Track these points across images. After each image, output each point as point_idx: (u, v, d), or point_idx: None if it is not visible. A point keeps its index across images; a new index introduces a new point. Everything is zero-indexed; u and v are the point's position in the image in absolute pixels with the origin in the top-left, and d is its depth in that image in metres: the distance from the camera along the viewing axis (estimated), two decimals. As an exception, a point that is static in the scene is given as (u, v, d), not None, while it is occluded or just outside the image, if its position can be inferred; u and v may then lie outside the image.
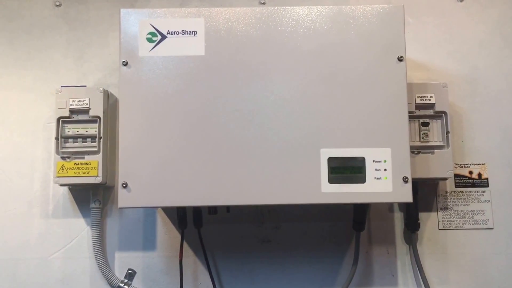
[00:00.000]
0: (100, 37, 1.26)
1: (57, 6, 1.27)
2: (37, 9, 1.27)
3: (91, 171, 1.11)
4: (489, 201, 1.21)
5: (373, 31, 0.98)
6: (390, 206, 1.21)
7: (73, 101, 1.12)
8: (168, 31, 0.98)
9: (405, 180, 0.95)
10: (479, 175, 1.21)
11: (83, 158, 1.12)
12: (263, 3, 1.27)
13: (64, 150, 1.12)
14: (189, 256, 1.19)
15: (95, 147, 1.12)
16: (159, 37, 0.98)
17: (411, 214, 1.17)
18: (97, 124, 1.13)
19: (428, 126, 1.13)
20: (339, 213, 1.20)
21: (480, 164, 1.22)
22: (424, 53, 1.26)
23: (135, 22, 0.98)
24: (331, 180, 0.95)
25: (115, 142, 1.18)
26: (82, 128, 1.13)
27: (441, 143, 1.12)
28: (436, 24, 1.27)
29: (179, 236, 1.17)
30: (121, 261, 1.19)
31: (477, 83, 1.24)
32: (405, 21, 0.98)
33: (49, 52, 1.26)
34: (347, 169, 0.96)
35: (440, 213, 1.20)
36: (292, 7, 0.99)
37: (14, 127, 1.23)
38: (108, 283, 1.17)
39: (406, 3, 1.01)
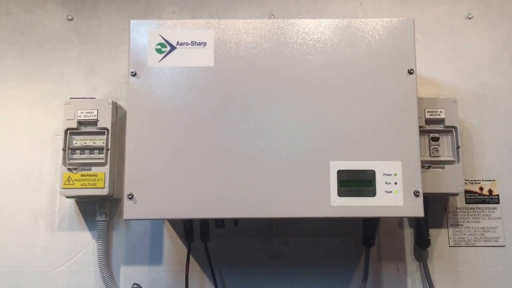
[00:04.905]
0: (111, 51, 1.27)
1: (70, 20, 1.28)
2: (50, 22, 1.28)
3: (98, 182, 1.10)
4: (500, 218, 1.19)
5: (384, 44, 0.98)
6: (399, 222, 1.19)
7: (81, 112, 1.12)
8: (178, 42, 0.98)
9: (416, 194, 0.93)
10: (490, 191, 1.20)
11: (90, 169, 1.11)
12: (273, 17, 1.27)
13: (71, 161, 1.11)
14: (196, 271, 1.17)
15: (102, 158, 1.12)
16: (169, 48, 0.98)
17: (421, 230, 1.15)
18: (105, 136, 1.12)
19: (438, 141, 1.11)
20: (348, 229, 1.18)
21: (490, 180, 1.20)
22: (433, 70, 1.26)
23: (145, 33, 0.99)
24: (340, 193, 0.94)
25: (123, 156, 1.17)
26: (89, 140, 1.13)
27: (452, 158, 1.10)
28: (445, 40, 1.27)
29: (185, 250, 1.15)
30: (127, 276, 1.17)
31: (486, 99, 1.24)
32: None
33: (60, 65, 1.26)
34: (357, 182, 0.94)
35: (450, 229, 1.18)
36: (302, 19, 0.99)
37: (22, 139, 1.22)
38: (113, 297, 1.16)
39: (415, 20, 1.00)
